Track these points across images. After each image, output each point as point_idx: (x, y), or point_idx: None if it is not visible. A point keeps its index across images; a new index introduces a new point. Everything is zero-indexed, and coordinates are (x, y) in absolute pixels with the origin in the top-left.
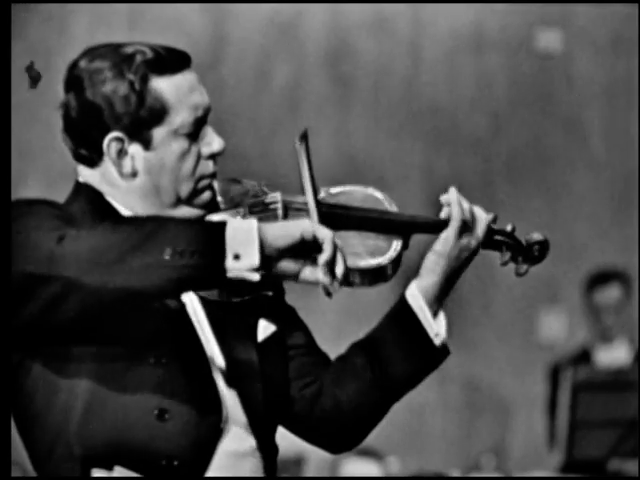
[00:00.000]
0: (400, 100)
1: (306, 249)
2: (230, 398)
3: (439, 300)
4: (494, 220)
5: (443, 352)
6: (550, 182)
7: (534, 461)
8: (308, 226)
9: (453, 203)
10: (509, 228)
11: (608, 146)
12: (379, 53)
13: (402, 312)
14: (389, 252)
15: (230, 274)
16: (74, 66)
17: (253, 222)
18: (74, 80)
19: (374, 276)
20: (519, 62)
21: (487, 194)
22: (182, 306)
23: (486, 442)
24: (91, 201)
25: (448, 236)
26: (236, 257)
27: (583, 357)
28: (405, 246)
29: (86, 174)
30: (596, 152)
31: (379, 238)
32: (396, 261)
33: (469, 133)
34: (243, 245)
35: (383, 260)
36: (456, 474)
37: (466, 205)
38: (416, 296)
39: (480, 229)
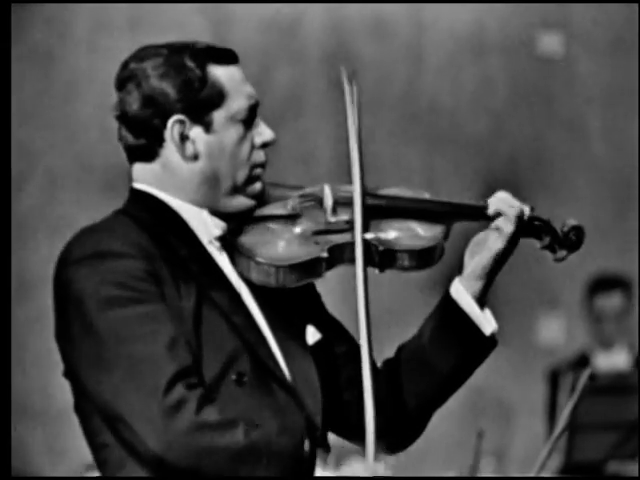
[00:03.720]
0: (401, 101)
1: None
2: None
3: (483, 294)
4: (532, 208)
5: (492, 342)
6: (550, 184)
7: (533, 464)
8: None
9: (503, 206)
10: (546, 218)
11: (609, 148)
12: (380, 55)
13: (449, 308)
14: (436, 235)
15: None
16: (125, 66)
17: None
18: (128, 77)
19: (422, 259)
20: (520, 64)
21: (487, 195)
22: (243, 305)
23: (486, 445)
24: (149, 207)
25: (495, 246)
26: None
27: (582, 362)
28: (446, 234)
29: (143, 174)
30: (597, 154)
31: (424, 224)
32: (441, 246)
33: (470, 135)
34: None
35: (431, 242)
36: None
37: (515, 207)
38: (461, 291)
39: (515, 224)
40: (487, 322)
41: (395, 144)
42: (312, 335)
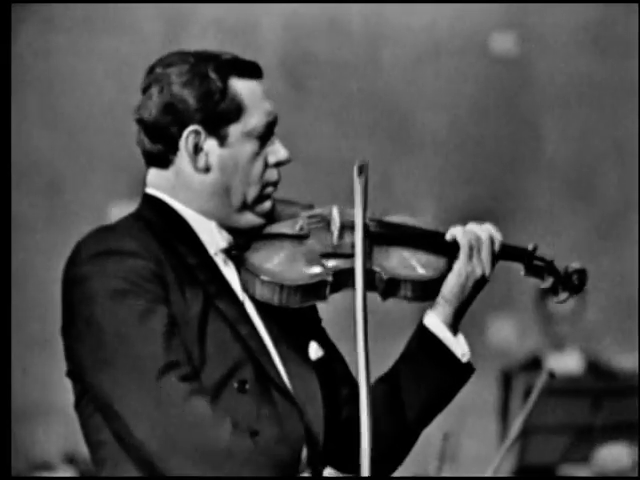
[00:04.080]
0: (358, 103)
1: None
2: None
3: (455, 323)
4: (534, 248)
5: (468, 369)
6: (505, 184)
7: (485, 466)
8: None
9: (459, 234)
10: (548, 258)
11: (564, 148)
12: (336, 56)
13: (424, 338)
14: (440, 267)
15: None
16: (151, 71)
17: None
18: (152, 82)
19: (426, 290)
20: (475, 64)
21: (444, 197)
22: (254, 329)
23: (438, 448)
24: (160, 213)
25: (460, 269)
26: None
27: (534, 364)
28: (449, 266)
29: (157, 180)
30: (552, 154)
31: (430, 255)
32: (444, 278)
33: (427, 134)
34: None
35: (435, 274)
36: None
37: (473, 234)
38: (435, 322)
39: (484, 255)
40: (459, 346)
41: (352, 145)
42: (315, 351)
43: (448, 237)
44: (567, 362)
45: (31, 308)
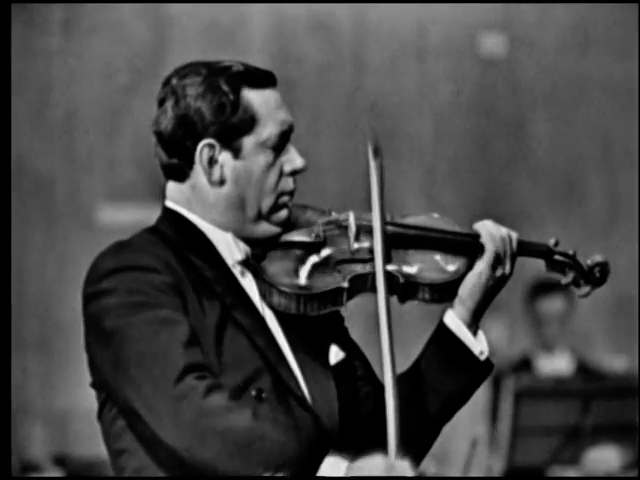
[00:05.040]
0: (343, 104)
1: None
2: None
3: (475, 322)
4: (556, 243)
5: (488, 366)
6: (492, 186)
7: (475, 467)
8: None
9: (485, 237)
10: (571, 252)
11: (550, 150)
12: (322, 56)
13: (444, 337)
14: (459, 269)
15: None
16: (167, 83)
17: (342, 466)
18: (167, 95)
19: (444, 292)
20: (462, 66)
21: (430, 198)
22: (266, 325)
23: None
24: (177, 227)
25: (482, 270)
26: None
27: (524, 365)
28: (470, 266)
29: (174, 193)
30: (539, 155)
31: (448, 257)
32: (462, 280)
33: (412, 137)
34: None
35: (454, 276)
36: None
37: (498, 237)
38: (455, 321)
39: (508, 259)
40: (479, 345)
41: (337, 146)
42: (335, 355)
43: (469, 239)
44: (557, 363)
45: (31, 308)
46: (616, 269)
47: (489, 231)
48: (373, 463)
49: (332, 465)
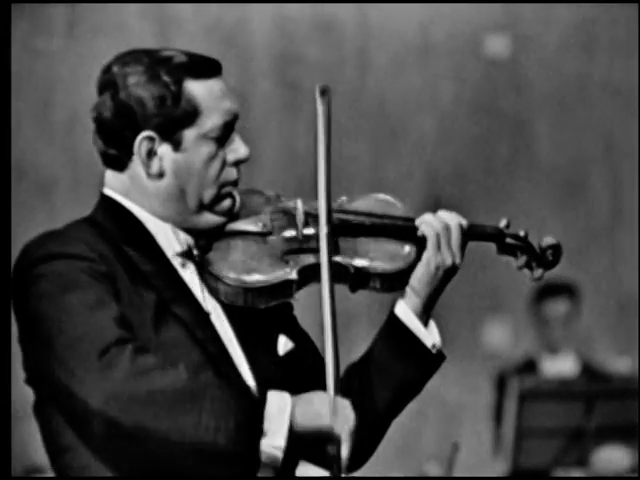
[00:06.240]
0: (347, 104)
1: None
2: None
3: (427, 312)
4: (507, 225)
5: (439, 358)
6: (495, 185)
7: (479, 469)
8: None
9: (424, 228)
10: (522, 233)
11: (554, 151)
12: (326, 56)
13: (395, 328)
14: (408, 256)
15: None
16: (107, 70)
17: (287, 400)
18: (108, 83)
19: (395, 281)
20: (466, 66)
21: (432, 197)
22: (207, 318)
23: (430, 449)
24: (114, 217)
25: (429, 260)
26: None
27: (528, 366)
28: (419, 254)
29: (113, 182)
30: (542, 157)
31: (396, 243)
32: (414, 267)
33: (416, 137)
34: (272, 423)
35: (404, 264)
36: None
37: (437, 226)
38: (406, 311)
39: (452, 248)
40: (430, 336)
41: (341, 145)
42: (284, 345)
43: (417, 226)
44: (561, 365)
45: None
46: (619, 270)
47: (427, 221)
48: (321, 396)
49: (278, 400)
